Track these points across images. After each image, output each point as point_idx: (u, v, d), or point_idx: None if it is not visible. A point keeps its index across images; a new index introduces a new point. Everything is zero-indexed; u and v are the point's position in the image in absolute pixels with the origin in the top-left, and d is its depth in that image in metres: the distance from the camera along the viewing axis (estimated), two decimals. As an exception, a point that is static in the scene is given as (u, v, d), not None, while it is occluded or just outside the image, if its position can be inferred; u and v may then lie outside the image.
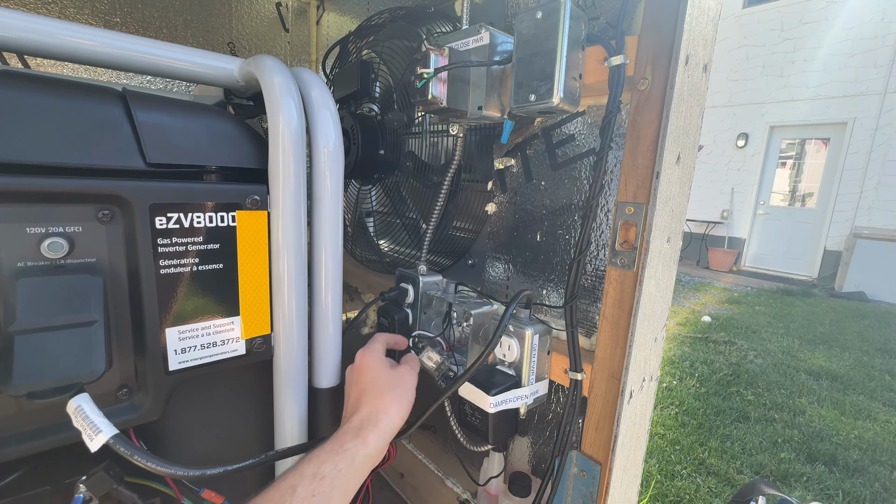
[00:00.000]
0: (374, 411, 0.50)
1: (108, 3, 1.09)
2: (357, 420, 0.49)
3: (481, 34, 0.64)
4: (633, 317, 0.57)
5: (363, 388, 0.53)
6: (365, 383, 0.54)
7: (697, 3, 0.51)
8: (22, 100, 0.37)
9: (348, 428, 0.48)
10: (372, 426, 0.48)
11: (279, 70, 0.51)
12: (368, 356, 0.58)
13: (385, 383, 0.54)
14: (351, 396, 0.54)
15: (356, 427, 0.48)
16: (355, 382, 0.55)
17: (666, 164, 0.54)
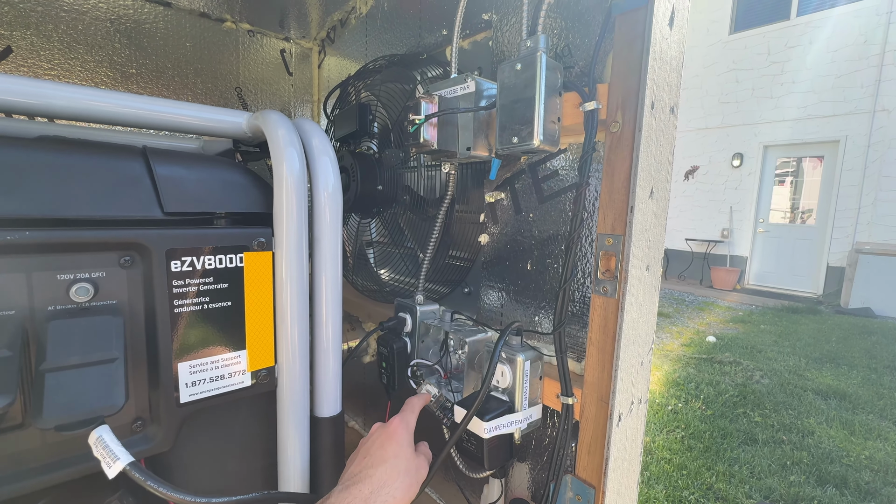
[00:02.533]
0: (385, 490, 0.50)
1: (125, 55, 1.17)
2: (367, 490, 0.49)
3: (468, 82, 0.70)
4: (617, 342, 0.60)
5: (384, 458, 0.54)
6: (389, 455, 0.54)
7: (659, 54, 0.57)
8: (57, 162, 0.42)
9: (356, 496, 0.48)
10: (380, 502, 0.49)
11: (283, 123, 0.56)
12: (402, 431, 0.58)
13: (406, 466, 0.55)
14: (367, 458, 0.54)
15: (365, 496, 0.48)
16: (379, 447, 0.55)
17: (639, 198, 0.58)
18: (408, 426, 0.60)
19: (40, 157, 0.41)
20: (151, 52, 1.21)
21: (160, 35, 1.22)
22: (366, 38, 1.23)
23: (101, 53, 1.14)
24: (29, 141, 0.44)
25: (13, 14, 1.01)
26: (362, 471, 0.52)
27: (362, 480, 0.50)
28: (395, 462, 0.54)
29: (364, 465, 0.53)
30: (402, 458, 0.55)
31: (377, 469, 0.52)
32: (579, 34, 0.67)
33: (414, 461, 0.56)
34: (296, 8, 1.31)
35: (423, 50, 1.02)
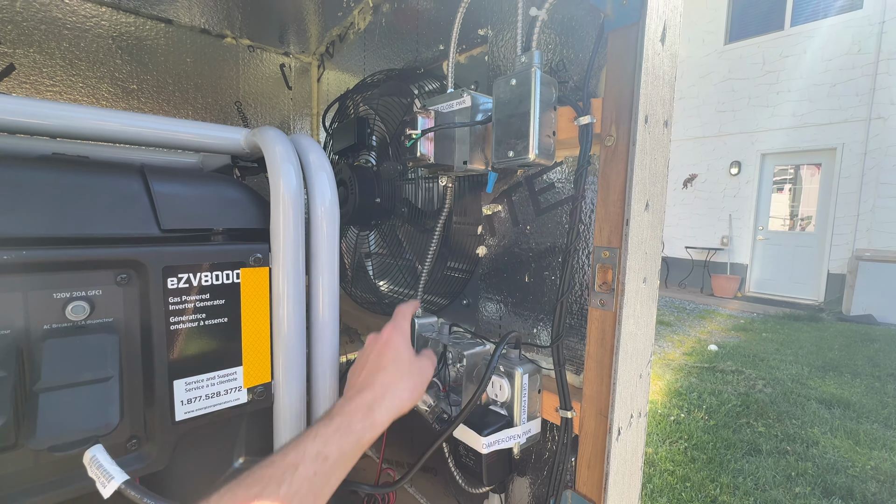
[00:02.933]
0: (389, 393, 0.50)
1: (126, 71, 1.19)
2: (370, 396, 0.48)
3: (464, 97, 0.71)
4: (615, 355, 0.60)
5: (383, 365, 0.53)
6: (387, 361, 0.53)
7: (651, 69, 0.58)
8: (55, 181, 0.42)
9: (360, 404, 0.47)
10: (384, 408, 0.48)
11: (280, 140, 0.57)
12: (397, 335, 0.57)
13: (407, 368, 0.54)
14: (366, 368, 0.53)
15: (367, 404, 0.47)
16: (377, 356, 0.54)
17: (635, 211, 0.58)
18: (402, 331, 0.59)
19: (39, 176, 0.42)
20: (152, 67, 1.23)
21: (161, 51, 1.24)
22: (364, 52, 1.25)
23: (103, 69, 1.16)
24: (29, 160, 0.44)
25: (16, 32, 1.03)
26: (363, 380, 0.51)
27: (363, 389, 0.49)
28: (396, 366, 0.53)
29: (364, 375, 0.52)
30: (403, 362, 0.54)
31: (377, 376, 0.51)
32: (573, 49, 0.68)
33: (416, 363, 0.56)
34: (295, 24, 1.33)
35: (421, 64, 1.03)
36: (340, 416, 0.45)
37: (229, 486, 0.36)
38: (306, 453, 0.39)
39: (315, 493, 0.39)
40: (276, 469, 0.37)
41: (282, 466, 0.38)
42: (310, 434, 0.42)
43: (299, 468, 0.38)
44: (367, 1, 1.17)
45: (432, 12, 0.99)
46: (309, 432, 0.42)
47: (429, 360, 0.60)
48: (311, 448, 0.40)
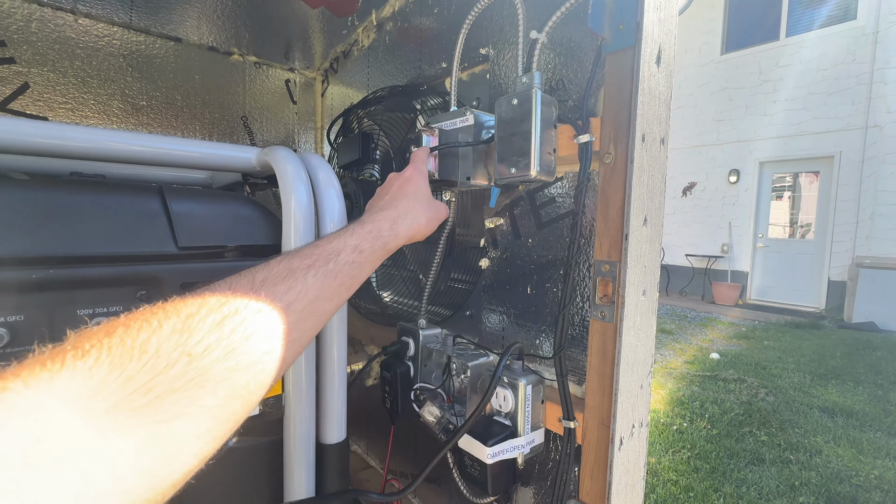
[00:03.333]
0: (410, 215, 0.56)
1: (136, 88, 1.22)
2: (394, 213, 0.54)
3: (467, 116, 0.73)
4: (616, 366, 0.62)
5: (406, 194, 0.59)
6: (409, 192, 0.60)
7: (648, 90, 0.60)
8: (80, 202, 0.44)
9: (386, 216, 0.53)
10: (405, 225, 0.54)
11: (291, 159, 0.59)
12: (418, 175, 0.64)
13: (426, 200, 0.61)
14: (388, 194, 0.60)
15: (392, 218, 0.53)
16: (399, 187, 0.61)
17: (633, 226, 0.60)
18: (422, 172, 0.65)
19: (63, 198, 0.44)
20: (162, 84, 1.26)
21: (170, 68, 1.27)
22: (368, 68, 1.28)
23: (114, 87, 1.19)
24: (53, 181, 0.46)
25: (31, 52, 1.06)
26: (386, 202, 0.58)
27: (387, 208, 0.55)
28: (417, 197, 0.60)
29: (387, 199, 0.59)
30: (422, 195, 0.61)
31: (400, 201, 0.58)
32: (572, 69, 0.71)
33: (433, 200, 0.63)
34: (301, 41, 1.36)
35: (424, 81, 1.06)
36: (371, 223, 0.51)
37: (285, 256, 0.41)
38: (346, 244, 0.46)
39: (352, 276, 0.45)
40: (322, 251, 0.43)
41: (327, 250, 0.44)
42: (347, 231, 0.48)
43: (341, 254, 0.44)
44: (371, 19, 1.20)
45: (434, 31, 1.02)
46: (345, 230, 0.48)
47: (444, 205, 0.67)
48: (350, 241, 0.47)
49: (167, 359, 0.28)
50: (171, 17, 1.18)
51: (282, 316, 0.36)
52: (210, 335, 0.31)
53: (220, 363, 0.31)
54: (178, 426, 0.28)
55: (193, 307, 0.32)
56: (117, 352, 0.26)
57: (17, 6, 1.03)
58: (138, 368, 0.26)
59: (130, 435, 0.25)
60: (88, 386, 0.24)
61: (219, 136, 1.37)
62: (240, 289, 0.35)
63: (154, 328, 0.29)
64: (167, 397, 0.27)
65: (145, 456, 0.26)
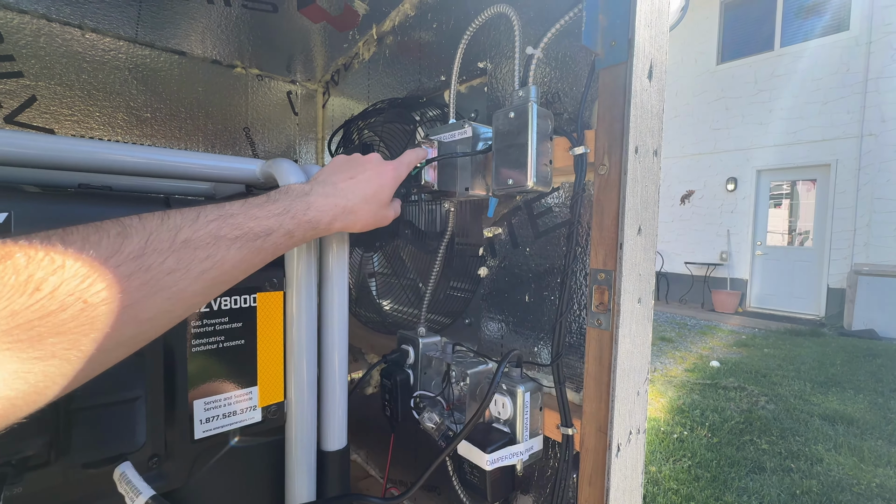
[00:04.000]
0: (355, 215, 0.54)
1: (141, 101, 1.24)
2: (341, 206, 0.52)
3: (465, 128, 0.75)
4: (612, 373, 0.63)
5: (365, 193, 0.56)
6: (368, 193, 0.56)
7: (640, 104, 0.62)
8: (90, 214, 0.46)
9: (331, 206, 0.50)
10: (344, 222, 0.53)
11: (294, 171, 0.61)
12: (393, 178, 0.61)
13: (380, 205, 0.59)
14: (352, 178, 0.56)
15: (337, 212, 0.51)
16: (365, 181, 0.57)
17: (628, 236, 0.62)
18: (397, 177, 0.62)
19: (77, 211, 0.45)
20: (166, 97, 1.28)
21: (174, 81, 1.29)
22: (368, 81, 1.31)
23: (119, 100, 1.21)
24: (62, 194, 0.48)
25: (39, 66, 1.08)
26: (342, 191, 0.53)
27: (337, 196, 0.52)
28: (374, 200, 0.57)
29: (345, 186, 0.54)
30: (380, 201, 0.58)
31: (355, 196, 0.54)
32: (567, 83, 0.73)
33: (385, 208, 0.60)
34: (302, 54, 1.39)
35: (423, 93, 1.09)
36: (314, 210, 0.48)
37: (215, 213, 0.39)
38: (281, 226, 0.44)
39: (271, 255, 0.44)
40: (256, 225, 0.42)
41: (261, 225, 0.42)
42: (286, 209, 0.46)
43: (272, 235, 0.43)
44: (371, 33, 1.23)
45: (433, 45, 1.05)
46: (284, 207, 0.46)
47: (393, 213, 0.64)
48: (286, 225, 0.45)
49: (61, 302, 0.27)
50: (175, 31, 1.20)
51: (191, 284, 0.35)
52: (113, 287, 0.30)
53: (113, 315, 0.30)
54: (50, 366, 0.27)
55: (105, 251, 0.31)
56: (10, 282, 0.26)
57: (26, 22, 1.05)
58: (27, 305, 0.26)
59: (2, 367, 0.25)
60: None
61: (221, 146, 1.39)
62: (158, 245, 0.34)
63: (57, 267, 0.28)
64: (48, 338, 0.27)
65: (10, 388, 0.26)
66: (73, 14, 1.08)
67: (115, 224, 0.33)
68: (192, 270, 0.35)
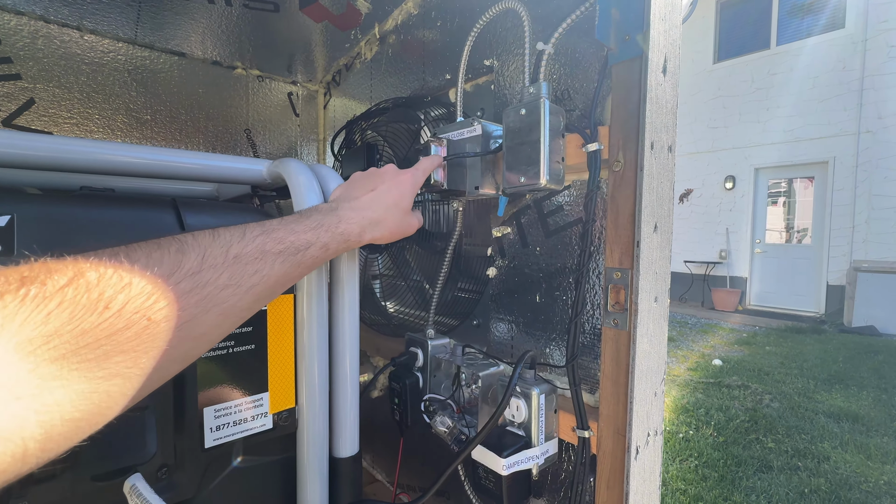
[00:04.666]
0: (382, 225, 0.56)
1: (140, 103, 1.23)
2: (369, 217, 0.54)
3: (474, 126, 0.74)
4: (630, 374, 0.61)
5: (387, 202, 0.57)
6: (390, 202, 0.58)
7: (655, 99, 0.61)
8: (97, 217, 0.44)
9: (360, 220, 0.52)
10: (373, 233, 0.55)
11: (303, 171, 0.59)
12: (412, 185, 0.62)
13: (403, 213, 0.60)
14: (374, 190, 0.57)
15: (365, 224, 0.53)
16: (386, 191, 0.58)
17: (644, 233, 0.60)
18: (416, 184, 0.63)
19: (81, 213, 0.44)
20: (166, 98, 1.27)
21: (174, 83, 1.28)
22: (371, 80, 1.29)
23: (118, 102, 1.19)
24: (71, 197, 0.46)
25: (38, 68, 1.07)
26: (366, 203, 0.55)
27: (363, 209, 0.54)
28: (396, 208, 0.58)
29: (368, 198, 0.56)
30: (403, 208, 0.60)
31: (379, 206, 0.56)
32: (578, 79, 0.72)
33: (409, 215, 0.62)
34: (303, 54, 1.38)
35: (427, 92, 1.07)
36: (346, 223, 0.50)
37: (259, 230, 0.41)
38: (318, 240, 0.46)
39: (309, 268, 0.46)
40: (296, 239, 0.43)
41: (301, 239, 0.44)
42: (320, 223, 0.47)
43: (310, 248, 0.44)
44: (373, 32, 1.22)
45: (438, 44, 1.03)
46: (318, 222, 0.47)
47: (417, 221, 0.65)
48: (322, 238, 0.46)
49: (127, 320, 0.28)
50: (175, 32, 1.19)
51: (243, 296, 0.37)
52: (174, 304, 0.31)
53: (174, 331, 0.31)
54: (113, 385, 0.28)
55: (167, 268, 0.31)
56: (82, 301, 0.26)
57: (23, 23, 1.04)
58: (97, 323, 0.26)
59: (70, 387, 0.25)
60: (42, 333, 0.24)
61: (222, 148, 1.38)
62: (214, 261, 0.35)
63: (125, 284, 0.28)
64: (113, 357, 0.27)
65: (77, 409, 0.26)
66: (72, 15, 1.07)
67: (173, 241, 0.34)
68: (242, 285, 0.37)
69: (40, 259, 0.27)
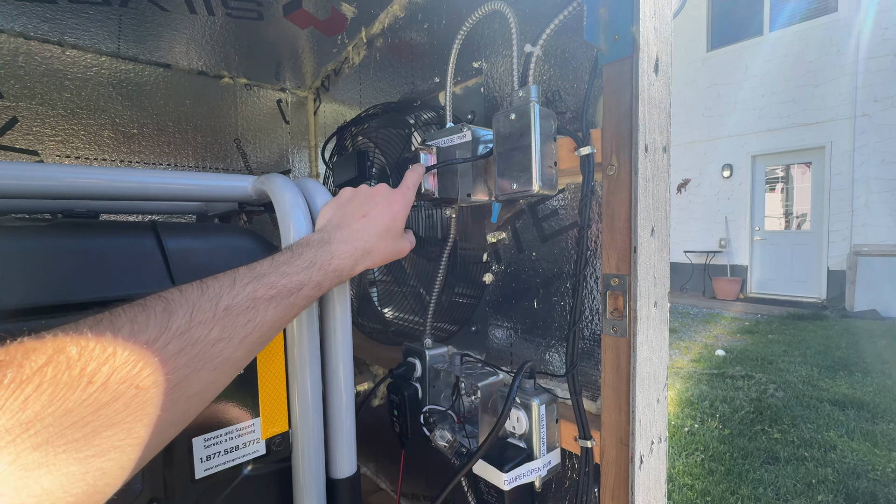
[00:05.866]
0: (374, 255, 0.55)
1: (127, 116, 1.21)
2: (360, 247, 0.52)
3: (464, 132, 0.72)
4: (631, 382, 0.60)
5: (379, 230, 0.55)
6: (381, 229, 0.56)
7: (647, 99, 0.59)
8: (73, 246, 0.43)
9: (351, 252, 0.51)
10: (366, 263, 0.53)
11: (288, 187, 0.57)
12: (403, 206, 0.60)
13: (395, 237, 0.59)
14: (365, 216, 0.55)
15: (357, 256, 0.51)
16: (378, 217, 0.56)
17: (641, 238, 0.59)
18: (407, 204, 0.61)
19: (61, 243, 0.42)
20: (152, 111, 1.25)
21: (160, 95, 1.26)
22: (360, 85, 1.27)
23: (104, 117, 1.17)
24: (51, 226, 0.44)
25: (19, 86, 1.05)
26: (357, 233, 0.53)
27: (354, 241, 0.52)
28: (388, 234, 0.57)
29: (359, 226, 0.54)
30: (394, 232, 0.59)
31: (370, 234, 0.54)
32: (568, 81, 0.70)
33: (401, 238, 0.61)
34: (291, 61, 1.36)
35: (417, 96, 1.05)
36: (338, 258, 0.49)
37: (249, 275, 0.40)
38: (311, 279, 0.44)
39: (302, 307, 0.45)
40: (288, 281, 0.42)
41: (293, 281, 0.42)
42: (312, 262, 0.46)
43: (303, 289, 0.43)
44: (360, 37, 1.20)
45: (425, 46, 1.02)
46: (310, 261, 0.46)
47: (409, 244, 0.64)
48: (314, 277, 0.45)
49: (114, 391, 0.27)
50: (159, 44, 1.17)
51: (235, 350, 0.36)
52: (163, 368, 0.30)
53: (165, 395, 0.30)
54: (108, 460, 0.26)
55: (154, 332, 0.30)
56: (63, 379, 0.25)
57: (2, 41, 1.02)
58: (81, 400, 0.25)
59: (58, 471, 0.24)
60: (20, 420, 0.23)
61: (212, 159, 1.36)
62: (203, 316, 0.34)
63: (109, 355, 0.27)
64: (103, 432, 0.26)
65: (69, 493, 0.24)
66: (52, 31, 1.05)
67: (159, 300, 0.33)
68: (235, 337, 0.36)
69: (16, 340, 0.25)
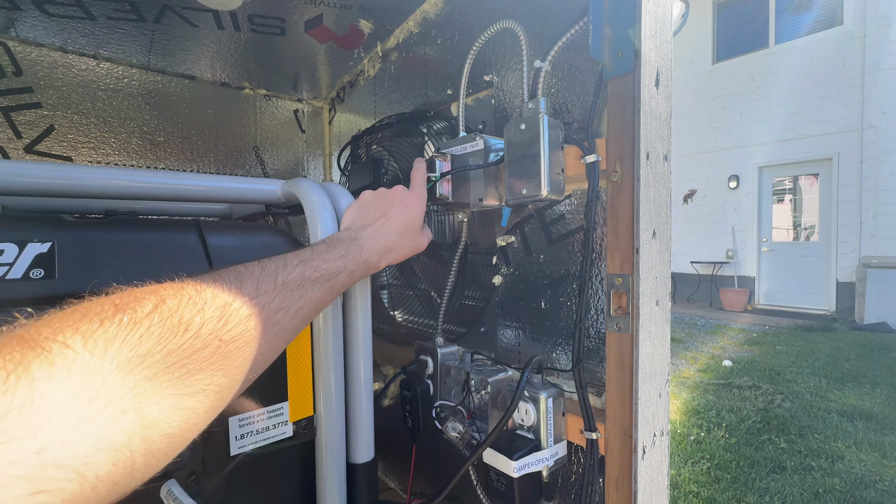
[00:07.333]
0: (397, 250, 0.61)
1: (154, 125, 1.27)
2: (384, 243, 0.58)
3: (477, 140, 0.77)
4: (634, 376, 0.63)
5: (399, 228, 0.62)
6: (401, 226, 0.62)
7: (649, 111, 0.63)
8: (125, 240, 0.48)
9: (377, 248, 0.57)
10: (390, 258, 0.60)
11: (315, 190, 0.62)
12: (419, 204, 0.66)
13: (415, 232, 0.65)
14: (385, 216, 0.61)
15: (382, 251, 0.58)
16: (397, 215, 0.62)
17: (643, 240, 0.63)
18: (422, 202, 0.68)
19: (112, 237, 0.47)
20: (178, 120, 1.31)
21: (185, 105, 1.33)
22: (374, 96, 1.33)
23: (133, 125, 1.24)
24: (102, 222, 0.49)
25: (57, 97, 1.12)
26: (380, 231, 0.59)
27: (378, 238, 0.58)
28: (408, 230, 0.63)
29: (381, 224, 0.60)
30: (414, 228, 0.65)
31: (391, 231, 0.60)
32: (575, 93, 0.75)
33: (420, 234, 0.67)
34: (308, 73, 1.42)
35: (430, 107, 1.11)
36: (367, 252, 0.55)
37: (298, 260, 0.45)
38: (346, 267, 0.50)
39: (337, 293, 0.50)
40: (329, 267, 0.48)
41: (333, 267, 0.48)
42: (345, 253, 0.52)
43: (340, 275, 0.49)
44: (376, 51, 1.26)
45: (438, 60, 1.07)
46: (343, 251, 0.52)
47: (427, 238, 0.70)
48: (348, 266, 0.51)
49: (204, 340, 0.31)
50: (186, 57, 1.24)
51: (290, 321, 0.41)
52: (239, 326, 0.35)
53: (239, 351, 0.34)
54: (197, 401, 0.31)
55: (229, 296, 0.35)
56: (167, 324, 0.29)
57: (43, 55, 1.09)
58: (180, 344, 0.29)
59: (164, 403, 0.28)
60: (137, 353, 0.27)
61: (232, 166, 1.42)
62: (266, 287, 0.39)
63: (199, 309, 0.32)
64: (195, 374, 0.30)
65: (171, 425, 0.28)
66: (88, 45, 1.12)
67: (230, 271, 0.39)
68: (290, 308, 0.41)
69: (127, 288, 0.30)
